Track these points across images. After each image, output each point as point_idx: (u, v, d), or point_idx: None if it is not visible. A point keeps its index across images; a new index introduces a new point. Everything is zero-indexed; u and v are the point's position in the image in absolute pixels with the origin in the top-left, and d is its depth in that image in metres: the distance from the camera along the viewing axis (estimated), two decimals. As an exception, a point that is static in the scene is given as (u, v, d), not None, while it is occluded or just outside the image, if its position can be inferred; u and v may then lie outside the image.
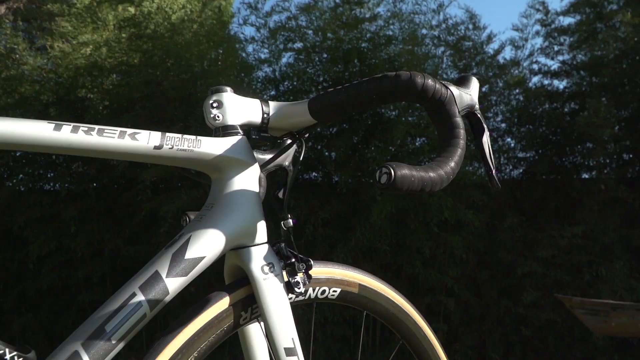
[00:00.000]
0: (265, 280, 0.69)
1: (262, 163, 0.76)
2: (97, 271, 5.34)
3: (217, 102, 0.72)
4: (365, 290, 0.83)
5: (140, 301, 0.61)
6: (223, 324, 0.68)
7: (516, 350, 5.37)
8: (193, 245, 0.66)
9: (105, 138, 0.61)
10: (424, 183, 0.63)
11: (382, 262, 5.13)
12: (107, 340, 0.58)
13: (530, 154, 6.01)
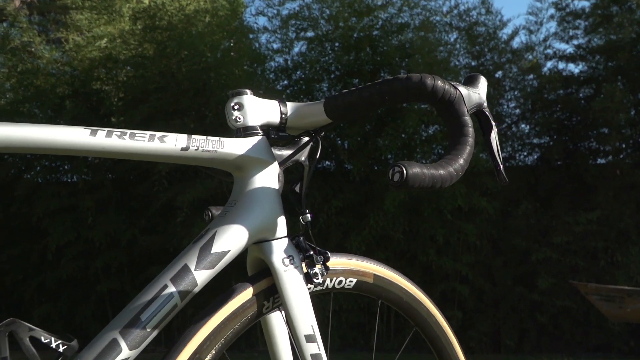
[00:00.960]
0: (285, 272, 0.74)
1: (281, 160, 0.81)
2: (115, 261, 5.46)
3: (237, 105, 0.77)
4: (379, 280, 0.87)
5: (171, 292, 0.66)
6: (247, 312, 0.73)
7: (531, 337, 5.40)
8: (219, 240, 0.71)
9: (136, 141, 0.67)
10: (435, 180, 0.67)
11: (396, 250, 5.18)
12: (143, 328, 0.64)
13: (544, 140, 5.99)
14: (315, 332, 0.75)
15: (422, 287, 0.95)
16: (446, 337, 0.96)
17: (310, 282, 0.76)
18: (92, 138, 0.64)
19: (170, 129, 3.81)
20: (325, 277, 0.79)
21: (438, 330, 0.95)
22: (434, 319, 0.94)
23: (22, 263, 5.73)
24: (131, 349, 0.63)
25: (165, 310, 0.66)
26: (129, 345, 0.63)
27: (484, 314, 5.33)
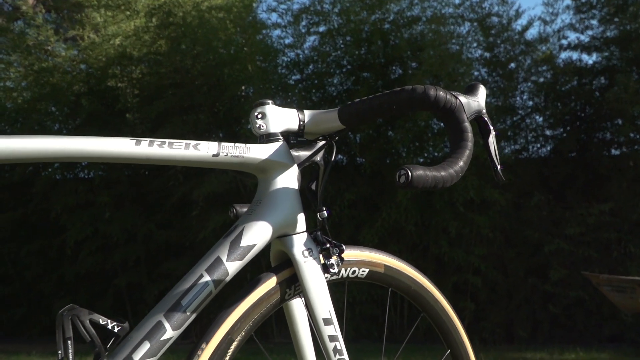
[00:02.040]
0: (305, 263, 0.84)
1: (299, 162, 0.90)
2: (132, 255, 5.61)
3: (261, 114, 0.87)
4: (389, 270, 0.97)
5: (207, 281, 0.77)
6: (272, 299, 0.83)
7: (544, 328, 5.47)
8: (246, 235, 0.81)
9: (174, 150, 0.77)
10: (437, 181, 0.76)
11: (408, 242, 5.27)
12: (183, 312, 0.74)
13: (558, 132, 6.02)
14: (332, 316, 0.85)
15: (434, 278, 1.05)
16: (452, 322, 1.05)
17: (327, 271, 0.86)
18: (137, 147, 0.75)
19: (184, 125, 3.96)
20: (340, 267, 0.89)
21: (444, 316, 1.04)
22: (440, 306, 1.04)
23: (41, 258, 5.92)
24: (174, 329, 0.73)
25: (202, 296, 0.76)
26: (172, 326, 0.73)
27: (497, 306, 5.40)
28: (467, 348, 1.06)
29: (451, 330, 1.05)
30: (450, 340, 1.05)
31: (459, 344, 1.06)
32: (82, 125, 5.81)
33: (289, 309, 0.93)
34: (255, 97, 5.38)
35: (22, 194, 5.76)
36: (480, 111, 0.89)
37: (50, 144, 0.69)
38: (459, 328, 1.06)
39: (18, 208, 5.76)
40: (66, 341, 0.69)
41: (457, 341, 1.05)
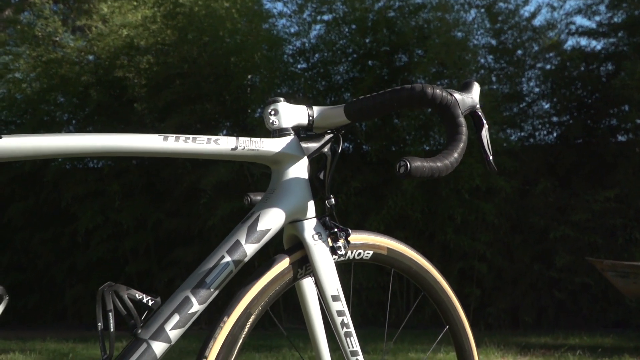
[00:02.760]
0: (315, 245, 0.93)
1: (309, 153, 1.00)
2: (142, 243, 5.75)
3: (273, 110, 0.96)
4: (392, 252, 1.07)
5: (228, 261, 0.86)
6: (285, 277, 0.93)
7: (549, 314, 5.57)
8: (262, 220, 0.90)
9: (197, 144, 0.86)
10: (433, 171, 0.85)
11: (415, 229, 5.37)
12: (208, 289, 0.84)
13: (565, 118, 6.07)
14: (339, 293, 0.95)
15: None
16: (450, 300, 1.15)
17: (334, 253, 0.96)
18: (165, 143, 0.84)
19: (192, 115, 4.07)
20: (347, 249, 0.99)
21: (443, 295, 1.14)
22: (440, 286, 1.14)
23: (53, 246, 6.07)
24: (200, 304, 0.83)
25: (223, 275, 0.86)
26: (198, 301, 0.84)
27: (503, 291, 5.51)
28: (465, 324, 1.16)
29: (449, 308, 1.14)
30: (449, 317, 1.15)
31: (456, 320, 1.15)
32: (90, 116, 5.93)
33: (301, 287, 1.03)
34: (261, 86, 5.47)
35: (34, 184, 5.89)
36: (475, 106, 0.98)
37: (88, 140, 0.79)
38: (457, 306, 1.15)
39: (30, 197, 5.90)
40: (107, 313, 0.79)
41: (455, 318, 1.15)
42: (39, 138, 0.76)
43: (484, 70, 6.10)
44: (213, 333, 0.86)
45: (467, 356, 1.18)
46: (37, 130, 5.91)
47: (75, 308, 6.20)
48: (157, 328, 0.80)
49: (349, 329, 0.96)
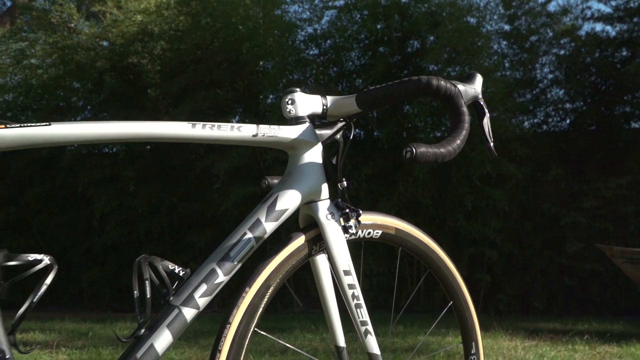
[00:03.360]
0: (328, 225, 1.03)
1: (323, 139, 1.09)
2: (156, 227, 5.89)
3: (290, 100, 1.05)
4: (400, 232, 1.16)
5: (249, 237, 0.96)
6: (301, 253, 1.03)
7: (559, 300, 5.65)
8: (280, 201, 1.00)
9: (221, 131, 0.95)
10: (437, 156, 0.94)
11: (425, 215, 5.45)
12: (232, 262, 0.94)
13: (578, 105, 6.09)
14: (350, 268, 1.05)
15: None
16: (454, 277, 1.24)
17: (346, 232, 1.05)
18: (193, 129, 0.94)
19: (204, 101, 4.20)
20: (357, 229, 1.08)
21: (447, 272, 1.23)
22: (444, 263, 1.23)
23: (69, 230, 6.23)
24: (224, 275, 0.93)
25: (245, 249, 0.96)
26: (223, 272, 0.94)
27: (513, 278, 5.58)
28: (467, 300, 1.25)
29: (453, 284, 1.24)
30: (453, 293, 1.24)
31: (460, 296, 1.25)
32: (105, 102, 6.05)
33: (315, 263, 1.12)
34: (274, 72, 5.54)
35: (50, 169, 6.05)
36: (477, 97, 1.06)
37: (126, 128, 0.89)
38: (460, 283, 1.25)
39: (46, 182, 6.06)
40: (143, 282, 0.89)
41: (458, 294, 1.24)
42: (83, 125, 0.86)
43: (497, 57, 6.12)
44: (236, 302, 0.96)
45: (469, 330, 1.27)
46: (52, 115, 6.06)
47: (92, 291, 6.38)
48: (187, 296, 0.91)
49: (359, 301, 1.06)
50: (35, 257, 0.81)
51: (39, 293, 0.81)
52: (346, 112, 1.09)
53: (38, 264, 0.82)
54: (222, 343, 0.93)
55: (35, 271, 0.82)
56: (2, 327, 0.79)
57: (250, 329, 0.96)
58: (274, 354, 3.16)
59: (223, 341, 0.93)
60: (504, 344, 3.52)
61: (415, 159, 0.91)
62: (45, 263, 0.82)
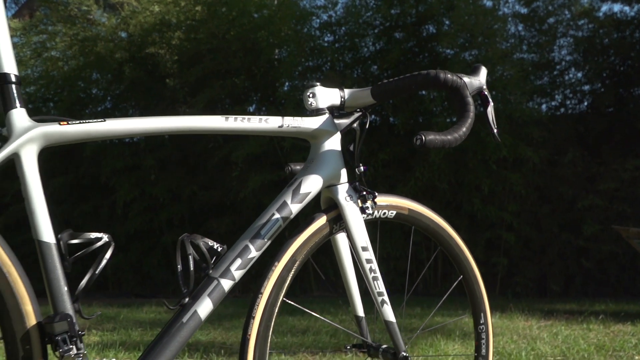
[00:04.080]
0: (347, 206, 1.15)
1: (341, 129, 1.21)
2: (177, 214, 6.08)
3: (311, 93, 1.17)
4: (413, 212, 1.28)
5: (277, 218, 1.09)
6: (323, 231, 1.15)
7: (577, 282, 5.73)
8: (304, 185, 1.12)
9: (251, 123, 1.08)
10: (444, 142, 1.06)
11: (442, 200, 5.55)
12: (262, 239, 1.07)
13: (596, 87, 6.11)
14: (368, 245, 1.17)
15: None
16: (463, 254, 1.36)
17: (363, 212, 1.18)
18: (226, 122, 1.07)
19: (222, 90, 4.36)
20: (373, 209, 1.21)
21: (457, 249, 1.35)
22: (454, 241, 1.35)
23: (93, 218, 6.45)
24: (256, 250, 1.07)
25: (274, 228, 1.09)
26: (255, 248, 1.07)
27: (530, 261, 5.67)
28: (476, 274, 1.37)
29: (463, 260, 1.36)
30: (462, 268, 1.36)
31: (469, 270, 1.37)
32: (125, 92, 6.22)
33: (336, 241, 1.25)
34: (289, 60, 5.65)
35: (74, 159, 6.25)
36: (481, 87, 1.18)
37: (168, 122, 1.02)
38: (469, 258, 1.37)
39: (70, 172, 6.27)
40: (187, 256, 1.02)
41: (467, 268, 1.37)
42: (133, 120, 0.99)
43: (513, 39, 6.15)
44: (266, 275, 1.10)
45: (478, 302, 1.39)
46: (73, 106, 6.25)
47: (116, 277, 6.60)
48: (224, 269, 1.04)
49: (376, 274, 1.19)
50: (96, 236, 0.96)
51: (99, 267, 0.95)
52: (362, 103, 1.20)
53: (98, 242, 0.96)
54: (255, 310, 1.07)
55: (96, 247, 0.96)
56: (68, 296, 0.93)
57: (279, 298, 1.10)
58: (295, 334, 3.32)
59: (256, 309, 1.07)
60: (520, 323, 3.63)
61: (424, 145, 1.03)
62: (104, 240, 0.97)
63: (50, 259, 0.92)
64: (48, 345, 0.90)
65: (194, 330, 1.01)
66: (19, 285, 0.90)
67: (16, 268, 0.91)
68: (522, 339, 3.02)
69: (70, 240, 0.95)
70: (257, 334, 1.06)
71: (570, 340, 2.96)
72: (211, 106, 5.82)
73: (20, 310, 0.89)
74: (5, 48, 0.92)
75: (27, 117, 0.93)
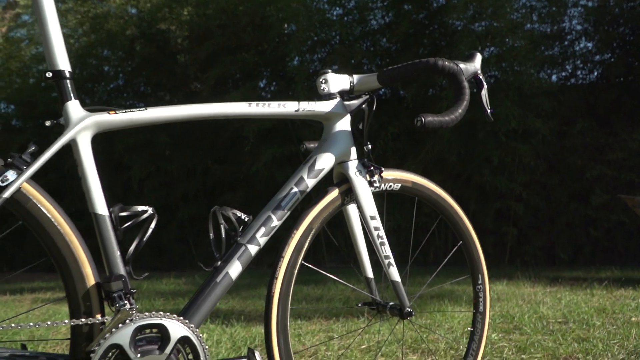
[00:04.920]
0: (357, 180, 1.32)
1: (351, 110, 1.36)
2: (192, 189, 6.29)
3: (324, 80, 1.32)
4: (416, 185, 1.44)
5: (296, 191, 1.26)
6: (335, 202, 1.32)
7: (585, 251, 5.89)
8: (318, 162, 1.29)
9: (272, 108, 1.24)
10: (442, 123, 1.21)
11: (452, 172, 5.70)
12: (283, 209, 1.24)
13: (606, 56, 6.17)
14: (376, 214, 1.34)
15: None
16: (462, 221, 1.53)
17: (371, 185, 1.34)
18: (249, 108, 1.23)
19: (232, 65, 4.54)
20: (380, 183, 1.37)
21: (456, 217, 1.52)
22: (454, 210, 1.51)
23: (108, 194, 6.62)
24: (278, 220, 1.24)
25: (293, 200, 1.26)
26: (277, 218, 1.24)
27: (539, 230, 5.83)
28: (474, 239, 1.54)
29: (462, 227, 1.53)
30: (462, 234, 1.53)
31: (467, 236, 1.53)
32: (137, 69, 6.37)
33: (347, 212, 1.42)
34: (299, 34, 5.75)
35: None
36: (476, 72, 1.32)
37: (202, 109, 1.18)
38: (468, 225, 1.53)
39: (85, 148, 6.47)
40: (219, 225, 1.20)
41: (466, 235, 1.53)
42: (170, 108, 1.16)
43: (524, 10, 6.19)
44: (287, 241, 1.27)
45: (476, 264, 1.57)
46: (86, 83, 6.42)
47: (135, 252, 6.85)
48: (251, 236, 1.22)
49: (383, 240, 1.36)
50: (142, 208, 1.13)
51: (145, 235, 1.14)
52: (369, 88, 1.36)
53: (144, 214, 1.14)
54: (278, 272, 1.25)
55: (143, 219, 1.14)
56: (121, 260, 1.12)
57: (298, 261, 1.27)
58: (309, 302, 3.53)
59: (278, 270, 1.25)
60: (526, 290, 3.81)
61: (424, 126, 1.18)
62: (149, 213, 1.14)
63: (104, 228, 1.10)
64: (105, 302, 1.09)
65: (226, 288, 1.19)
66: (79, 251, 1.09)
67: (76, 236, 1.09)
68: (527, 304, 3.21)
69: (121, 212, 1.13)
70: (279, 292, 1.24)
71: (572, 305, 3.14)
72: (222, 82, 5.96)
73: (81, 272, 1.08)
74: (59, 47, 1.08)
75: (80, 108, 1.10)
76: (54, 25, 1.07)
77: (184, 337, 1.09)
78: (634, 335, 2.29)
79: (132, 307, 1.07)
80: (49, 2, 1.07)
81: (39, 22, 1.09)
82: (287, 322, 1.26)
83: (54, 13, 1.08)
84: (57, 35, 1.07)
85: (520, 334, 2.43)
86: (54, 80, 1.08)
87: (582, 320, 2.68)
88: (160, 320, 1.07)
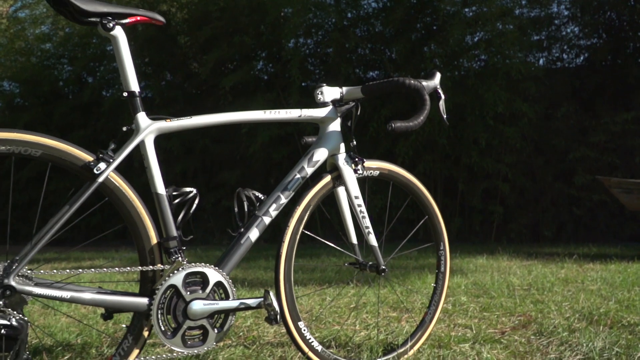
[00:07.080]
0: (345, 168, 1.82)
1: (340, 113, 1.86)
2: (191, 167, 6.77)
3: (320, 92, 1.81)
4: (391, 172, 1.95)
5: (298, 177, 1.76)
6: (328, 186, 1.83)
7: (568, 228, 6.45)
8: (315, 155, 1.79)
9: (280, 114, 1.73)
10: (407, 128, 1.71)
11: (441, 153, 6.20)
12: (289, 191, 1.74)
13: (592, 41, 6.64)
14: (359, 195, 1.85)
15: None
16: (428, 200, 2.04)
17: (356, 172, 1.84)
18: (264, 114, 1.72)
19: (230, 49, 5.09)
20: (363, 170, 1.88)
21: (422, 196, 2.03)
22: (421, 191, 2.02)
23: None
24: (285, 199, 1.73)
25: (297, 184, 1.76)
26: (284, 197, 1.74)
27: (525, 209, 6.37)
28: (437, 213, 2.05)
29: (427, 204, 2.04)
30: (427, 210, 2.04)
31: (432, 212, 2.05)
32: (138, 49, 6.79)
33: (337, 193, 1.92)
34: (295, 19, 6.18)
35: (92, 113, 6.91)
36: (435, 87, 1.82)
37: (230, 116, 1.68)
38: (432, 202, 2.04)
39: (88, 126, 6.94)
40: (242, 202, 1.70)
41: (430, 210, 2.04)
42: (208, 116, 1.65)
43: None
44: (292, 213, 1.77)
45: (439, 234, 2.08)
46: (89, 63, 6.84)
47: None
48: (265, 210, 1.72)
49: (364, 214, 1.86)
50: (189, 189, 1.63)
51: (191, 209, 1.64)
52: (355, 97, 1.85)
53: (190, 193, 1.64)
54: (285, 236, 1.75)
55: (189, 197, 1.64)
56: (174, 225, 1.62)
57: (299, 229, 1.78)
58: (305, 272, 4.06)
59: (285, 236, 1.76)
60: (503, 263, 4.35)
61: (394, 130, 1.69)
62: (194, 193, 1.64)
63: (163, 203, 1.60)
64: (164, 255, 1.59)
65: (248, 248, 1.69)
66: (146, 219, 1.59)
67: (143, 207, 1.59)
68: (500, 275, 3.74)
69: (173, 192, 1.63)
70: (286, 252, 1.75)
71: (540, 275, 3.68)
72: (220, 64, 6.40)
73: (148, 234, 1.58)
74: (131, 71, 1.57)
75: (146, 117, 1.59)
76: (127, 56, 1.55)
77: (219, 281, 1.60)
78: (582, 299, 2.82)
79: (183, 259, 1.58)
80: (124, 39, 1.54)
81: (116, 54, 1.56)
82: (291, 274, 1.77)
83: (127, 47, 1.55)
84: (129, 64, 1.55)
85: (487, 298, 2.96)
86: (128, 97, 1.57)
87: (544, 288, 3.20)
88: (202, 268, 1.58)
